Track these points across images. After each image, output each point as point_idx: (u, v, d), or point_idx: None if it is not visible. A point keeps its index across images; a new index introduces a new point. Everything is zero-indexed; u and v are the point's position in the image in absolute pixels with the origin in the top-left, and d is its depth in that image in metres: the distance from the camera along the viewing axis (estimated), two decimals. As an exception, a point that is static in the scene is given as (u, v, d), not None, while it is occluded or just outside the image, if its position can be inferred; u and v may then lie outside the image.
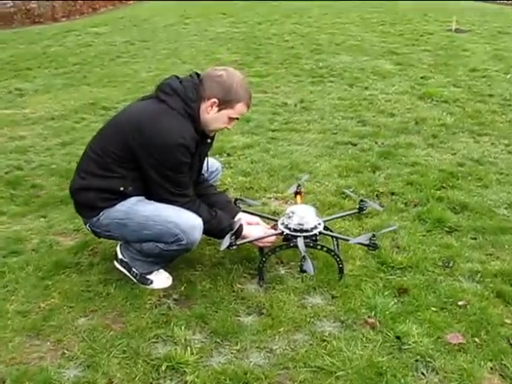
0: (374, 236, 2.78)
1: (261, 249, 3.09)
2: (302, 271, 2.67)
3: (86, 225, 2.91)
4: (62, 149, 5.02)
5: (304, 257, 2.61)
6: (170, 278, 2.95)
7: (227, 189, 4.04)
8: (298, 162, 4.49)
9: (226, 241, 2.77)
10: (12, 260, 3.19)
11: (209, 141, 2.91)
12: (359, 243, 2.92)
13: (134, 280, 2.91)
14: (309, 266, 2.62)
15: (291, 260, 3.08)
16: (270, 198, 3.93)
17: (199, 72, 2.82)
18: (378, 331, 2.53)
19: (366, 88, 6.74)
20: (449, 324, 2.56)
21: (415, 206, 3.69)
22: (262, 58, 8.52)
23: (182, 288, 2.89)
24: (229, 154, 4.74)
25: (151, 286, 2.89)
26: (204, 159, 2.97)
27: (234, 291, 2.85)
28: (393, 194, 3.88)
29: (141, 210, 2.72)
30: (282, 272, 3.02)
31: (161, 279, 2.93)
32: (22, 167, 4.63)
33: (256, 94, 6.65)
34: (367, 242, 2.81)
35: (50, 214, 3.76)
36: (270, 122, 5.62)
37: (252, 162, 4.54)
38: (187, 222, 2.68)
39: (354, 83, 6.96)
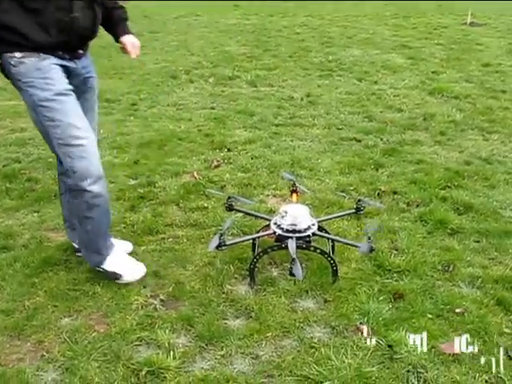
0: (369, 238, 2.66)
1: (253, 248, 2.99)
2: (291, 274, 2.56)
3: None
4: (62, 141, 4.93)
5: (294, 260, 2.50)
6: (142, 266, 2.90)
7: (225, 185, 3.94)
8: (300, 159, 4.37)
9: (215, 241, 2.68)
10: (1, 256, 3.12)
11: None
12: (353, 245, 2.81)
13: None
14: (298, 269, 2.51)
15: (285, 261, 2.97)
16: (267, 195, 3.82)
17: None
18: (369, 339, 2.42)
19: (375, 82, 6.60)
20: (444, 333, 2.44)
21: (417, 206, 3.57)
22: (270, 51, 8.40)
23: (170, 288, 2.80)
24: (229, 149, 4.63)
25: (123, 281, 2.82)
26: None
27: (223, 293, 2.76)
28: (395, 193, 3.76)
29: (57, 115, 2.50)
30: (275, 273, 2.91)
31: (131, 271, 2.86)
32: (20, 160, 4.57)
33: (262, 87, 6.58)
34: (360, 245, 2.70)
35: (43, 209, 3.69)
36: (274, 116, 5.50)
37: (252, 158, 4.43)
38: (87, 167, 2.56)
39: (363, 77, 6.82)
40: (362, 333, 2.45)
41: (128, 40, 2.83)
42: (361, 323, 2.51)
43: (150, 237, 3.30)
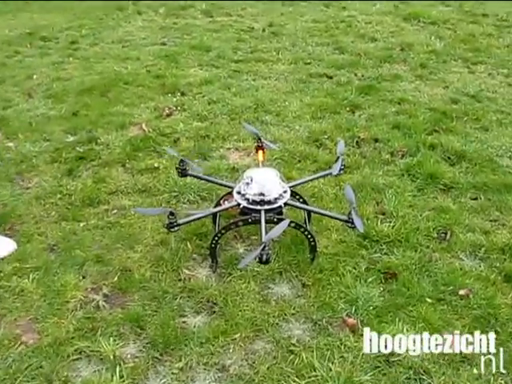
0: (350, 213, 2.18)
1: (214, 220, 2.49)
2: (261, 262, 2.06)
3: None
4: (-13, 91, 4.26)
5: (264, 246, 2.00)
6: (11, 240, 2.52)
7: (178, 138, 3.38)
8: (264, 101, 3.82)
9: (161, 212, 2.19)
10: None
11: None
12: (335, 218, 2.34)
13: None
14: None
15: (252, 234, 2.50)
16: (229, 148, 3.29)
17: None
18: (359, 335, 1.99)
19: (344, 8, 5.97)
20: (448, 322, 2.02)
21: (403, 155, 3.10)
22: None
23: (116, 278, 2.30)
24: (183, 93, 4.04)
25: None
26: None
27: (179, 280, 2.28)
28: (376, 140, 3.27)
29: None
30: (241, 250, 2.44)
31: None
32: None
33: (219, 17, 5.90)
34: (345, 218, 2.22)
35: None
36: (233, 50, 4.89)
37: (210, 103, 3.86)
38: None
39: (330, 2, 6.17)
40: (350, 328, 2.01)
41: None
42: (348, 315, 2.07)
43: (91, 209, 2.77)
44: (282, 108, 3.73)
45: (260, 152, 2.65)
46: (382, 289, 2.18)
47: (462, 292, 2.14)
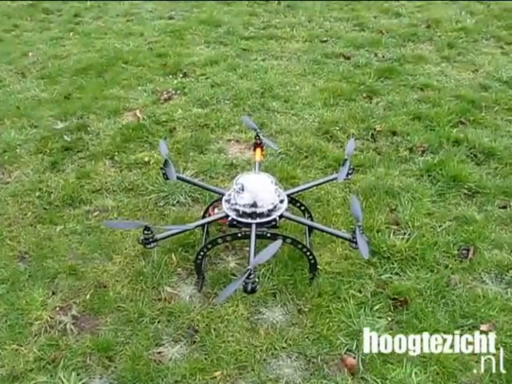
0: (354, 232, 1.85)
1: (203, 227, 2.20)
2: (246, 291, 1.76)
3: None
4: (-20, 69, 4.00)
5: (250, 274, 1.70)
6: None
7: (175, 128, 3.07)
8: (273, 85, 3.48)
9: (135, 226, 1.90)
10: None
11: None
12: (337, 235, 2.02)
13: None
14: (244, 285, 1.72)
15: (245, 245, 2.20)
16: (229, 140, 2.97)
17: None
18: (359, 378, 1.69)
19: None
20: (466, 366, 1.71)
21: (423, 152, 2.75)
22: None
23: (88, 296, 2.04)
24: (185, 74, 3.71)
25: None
26: None
27: (159, 300, 2.01)
28: (394, 133, 2.92)
29: None
30: (232, 264, 2.15)
31: None
32: None
33: (232, -11, 5.48)
34: (348, 237, 1.90)
35: None
36: (244, 26, 4.52)
37: (213, 86, 3.53)
38: None
39: (352, -28, 5.71)
40: (349, 369, 1.72)
41: None
42: (348, 352, 1.77)
43: (71, 209, 2.50)
44: (292, 93, 3.39)
45: (258, 150, 2.34)
46: (389, 319, 1.88)
47: (483, 327, 1.82)
